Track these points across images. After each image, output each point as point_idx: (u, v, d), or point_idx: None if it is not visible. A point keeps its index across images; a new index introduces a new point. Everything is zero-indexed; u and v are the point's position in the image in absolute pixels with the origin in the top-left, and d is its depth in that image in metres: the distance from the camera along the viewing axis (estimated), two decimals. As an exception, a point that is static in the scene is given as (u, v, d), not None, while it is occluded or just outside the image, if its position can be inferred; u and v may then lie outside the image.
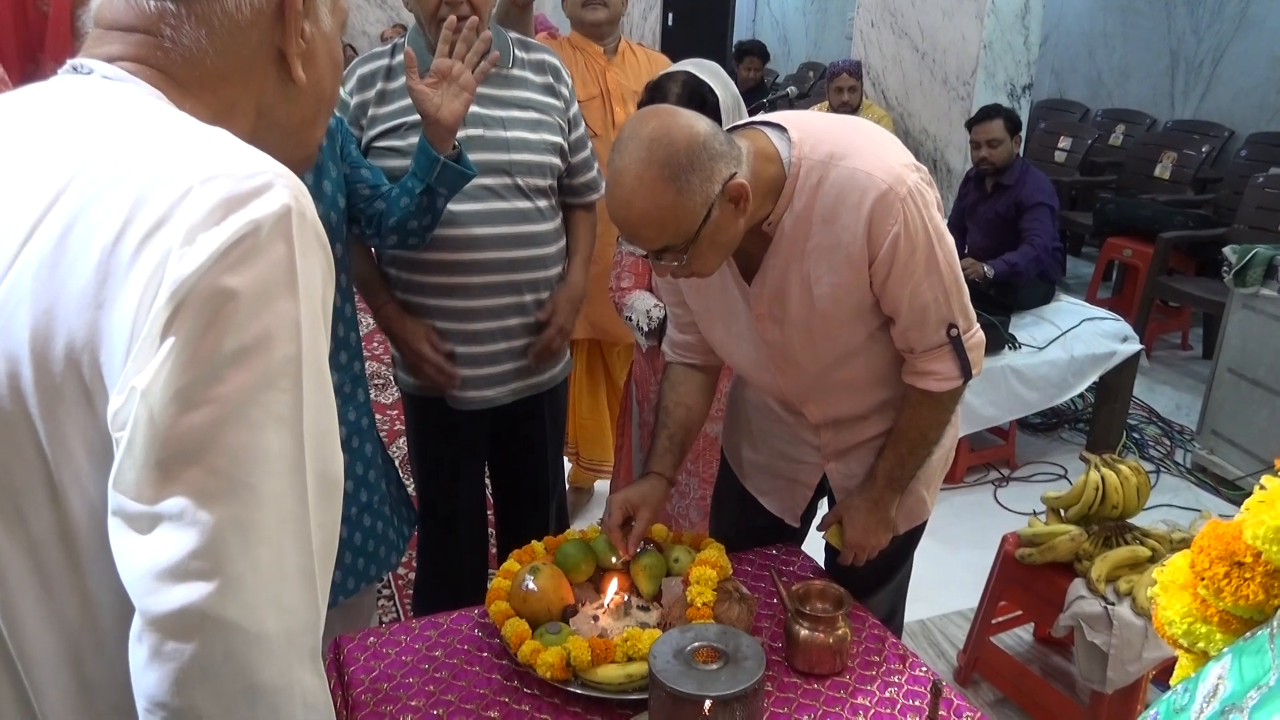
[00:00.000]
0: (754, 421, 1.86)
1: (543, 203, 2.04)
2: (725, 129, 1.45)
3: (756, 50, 6.43)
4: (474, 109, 1.91)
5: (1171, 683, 0.63)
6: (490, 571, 2.52)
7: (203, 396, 0.63)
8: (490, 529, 2.44)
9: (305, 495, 0.67)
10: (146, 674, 0.64)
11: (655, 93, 1.98)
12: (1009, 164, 3.91)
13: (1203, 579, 0.55)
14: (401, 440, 3.75)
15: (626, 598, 1.64)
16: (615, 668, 1.46)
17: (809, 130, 1.46)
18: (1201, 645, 0.57)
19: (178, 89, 0.76)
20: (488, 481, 2.36)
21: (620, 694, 1.45)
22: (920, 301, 1.48)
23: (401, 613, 2.81)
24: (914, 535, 1.82)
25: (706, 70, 2.00)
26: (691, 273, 1.45)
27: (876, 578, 1.80)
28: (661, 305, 2.24)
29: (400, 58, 1.95)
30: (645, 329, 2.29)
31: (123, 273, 0.64)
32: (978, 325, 1.58)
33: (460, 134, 1.87)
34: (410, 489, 3.36)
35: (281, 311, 0.66)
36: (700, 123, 1.34)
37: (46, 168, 0.69)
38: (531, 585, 1.58)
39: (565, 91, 2.08)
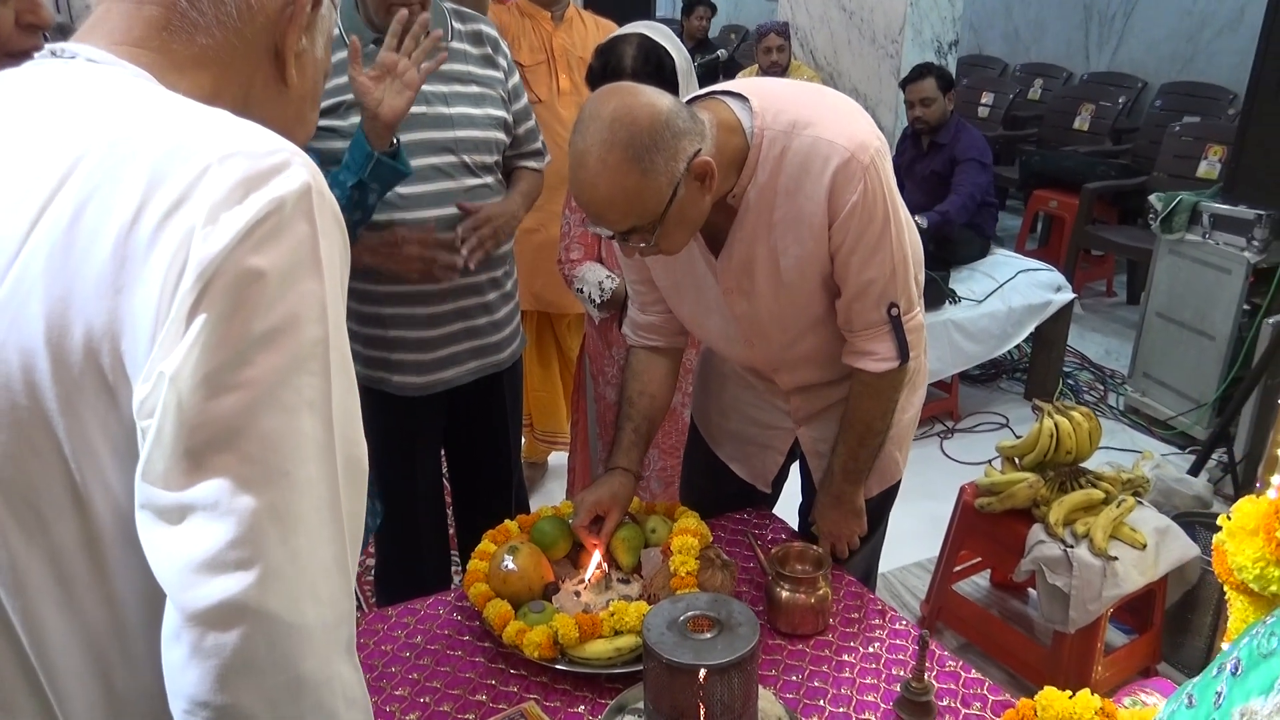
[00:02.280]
0: (725, 389, 1.85)
1: (490, 179, 1.98)
2: (685, 100, 1.43)
3: (705, 0, 6.44)
4: None
5: (1229, 629, 0.64)
6: (452, 554, 2.49)
7: (233, 380, 0.61)
8: (448, 511, 2.41)
9: (336, 481, 0.65)
10: (186, 672, 0.61)
11: (609, 55, 1.94)
12: (944, 122, 3.96)
13: (1288, 522, 0.57)
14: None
15: (606, 571, 1.63)
16: (603, 642, 1.45)
17: (771, 99, 1.44)
18: (1274, 589, 0.58)
19: (172, 69, 0.73)
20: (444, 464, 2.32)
21: (609, 668, 1.44)
22: (866, 276, 1.47)
23: (363, 601, 2.76)
24: (889, 496, 1.84)
25: (659, 33, 1.96)
26: (659, 251, 1.43)
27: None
28: (613, 275, 2.20)
29: (334, 32, 1.87)
30: (597, 300, 2.26)
31: (142, 255, 0.61)
32: (920, 308, 1.58)
33: None
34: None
35: (307, 292, 0.64)
36: (662, 99, 1.31)
37: (47, 151, 0.65)
38: (511, 565, 1.56)
39: (504, 62, 2.02)
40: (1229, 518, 0.63)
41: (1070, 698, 1.03)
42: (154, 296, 0.61)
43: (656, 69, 1.92)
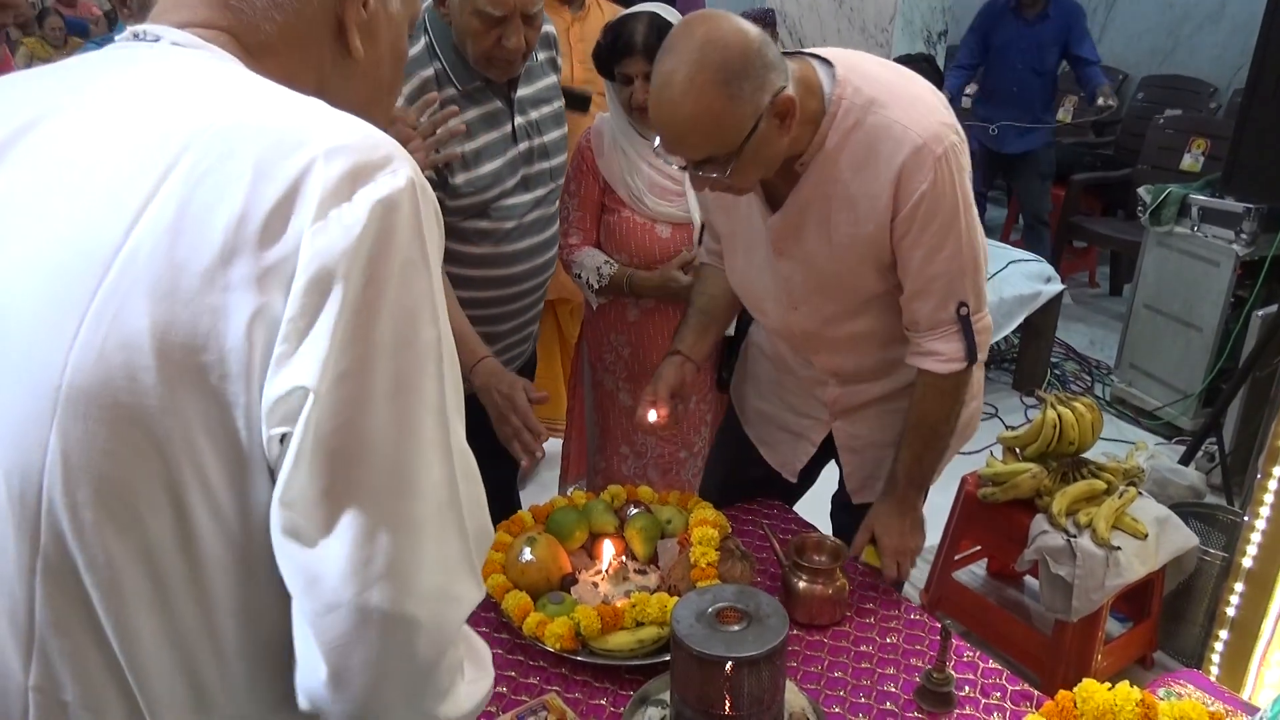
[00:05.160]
0: (764, 370, 1.84)
1: (558, 203, 1.99)
2: None
3: None
4: (520, 120, 1.82)
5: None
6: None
7: (360, 389, 0.61)
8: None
9: (456, 481, 0.67)
10: (338, 695, 0.64)
11: (619, 30, 1.94)
12: None
13: None
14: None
15: (624, 561, 1.62)
16: (625, 634, 1.44)
17: (856, 71, 1.42)
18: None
19: (246, 54, 0.72)
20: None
21: (630, 659, 1.44)
22: (931, 270, 1.44)
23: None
24: None
25: (670, 13, 1.97)
26: (730, 188, 1.41)
27: None
28: (611, 261, 2.18)
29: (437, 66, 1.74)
30: (596, 286, 2.23)
31: (250, 251, 0.60)
32: (988, 310, 1.55)
33: (514, 151, 1.80)
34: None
35: (421, 291, 0.64)
36: (753, 29, 1.31)
37: (148, 139, 0.63)
38: (529, 556, 1.55)
39: (559, 59, 2.00)
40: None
41: (1109, 689, 1.04)
42: (263, 296, 0.60)
43: None
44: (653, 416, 1.66)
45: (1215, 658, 2.05)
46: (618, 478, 2.32)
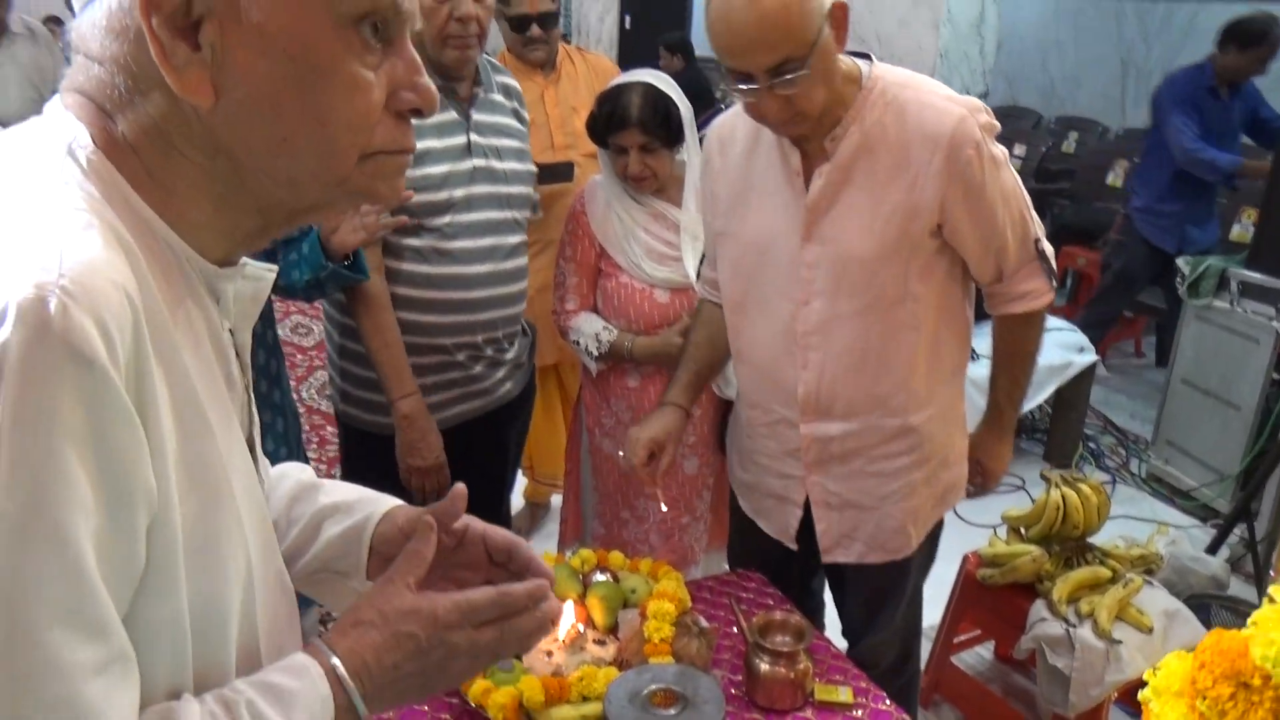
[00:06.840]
0: (746, 439, 1.82)
1: (523, 235, 2.01)
2: None
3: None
4: (476, 138, 1.86)
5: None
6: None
7: None
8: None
9: None
10: None
11: (614, 103, 1.95)
12: None
13: (1204, 697, 0.51)
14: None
15: (582, 630, 1.58)
16: (569, 708, 1.40)
17: (891, 65, 1.57)
18: (1204, 762, 0.53)
19: (110, 120, 0.62)
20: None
21: (575, 735, 1.39)
22: (1006, 218, 1.55)
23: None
24: (899, 577, 1.79)
25: (663, 81, 1.98)
26: (795, 114, 1.44)
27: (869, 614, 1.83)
28: (610, 327, 2.14)
29: None
30: (595, 353, 2.19)
31: None
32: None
33: (467, 164, 1.82)
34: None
35: None
36: None
37: None
38: (482, 621, 1.51)
39: (525, 114, 2.04)
40: (1155, 672, 0.58)
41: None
42: None
43: (665, 118, 1.91)
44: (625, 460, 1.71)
45: (1225, 763, 1.93)
46: (618, 543, 2.27)
